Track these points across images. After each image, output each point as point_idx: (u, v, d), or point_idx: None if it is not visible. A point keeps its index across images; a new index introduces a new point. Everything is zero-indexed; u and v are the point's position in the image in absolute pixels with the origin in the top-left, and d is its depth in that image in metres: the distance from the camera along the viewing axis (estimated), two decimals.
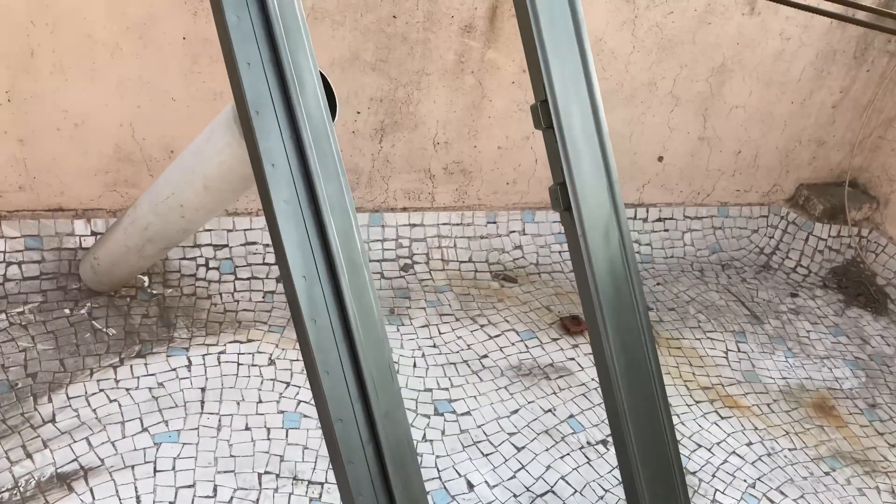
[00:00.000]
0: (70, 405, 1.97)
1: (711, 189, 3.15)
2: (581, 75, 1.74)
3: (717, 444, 2.26)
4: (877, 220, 3.27)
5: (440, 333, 2.48)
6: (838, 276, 3.17)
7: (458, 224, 2.83)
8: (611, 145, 1.76)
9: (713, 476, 2.14)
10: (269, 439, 2.00)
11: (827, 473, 2.23)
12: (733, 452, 2.24)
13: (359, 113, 2.50)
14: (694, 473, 2.14)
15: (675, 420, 2.31)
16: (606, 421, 2.25)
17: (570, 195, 1.72)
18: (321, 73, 1.37)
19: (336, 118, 1.43)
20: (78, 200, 2.35)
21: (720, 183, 3.15)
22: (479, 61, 2.53)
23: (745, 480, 2.15)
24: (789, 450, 2.28)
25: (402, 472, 1.36)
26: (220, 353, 2.23)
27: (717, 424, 2.33)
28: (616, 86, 2.73)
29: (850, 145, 3.26)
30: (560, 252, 2.96)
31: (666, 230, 3.13)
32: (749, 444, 2.28)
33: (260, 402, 2.10)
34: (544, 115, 1.71)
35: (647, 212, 3.09)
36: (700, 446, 2.24)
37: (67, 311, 2.25)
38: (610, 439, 2.19)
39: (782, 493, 2.13)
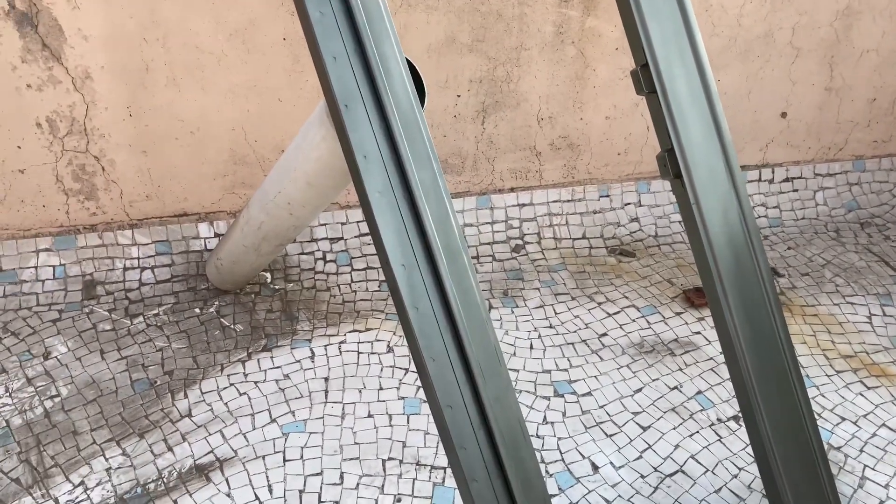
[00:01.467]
0: (204, 400, 2.08)
1: (844, 143, 2.92)
2: (683, 33, 1.64)
3: (864, 416, 2.09)
4: None
5: (556, 314, 2.43)
6: None
7: (568, 200, 2.77)
8: (721, 106, 1.65)
9: (861, 451, 1.99)
10: (391, 426, 2.03)
11: None
12: (883, 425, 2.07)
13: (459, 96, 2.48)
14: (839, 449, 2.00)
15: (814, 392, 2.17)
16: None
17: (680, 161, 1.63)
18: (408, 60, 1.35)
19: (425, 104, 1.41)
20: (200, 204, 2.47)
21: (854, 135, 2.91)
22: (578, 31, 2.45)
23: None
24: None
25: (515, 456, 1.34)
26: (341, 342, 2.29)
27: (862, 395, 2.16)
28: (728, 41, 2.57)
29: None
30: (680, 222, 2.83)
31: (795, 190, 2.93)
32: None
33: (381, 389, 2.14)
34: (645, 79, 1.63)
35: (773, 172, 2.90)
36: (844, 419, 2.08)
37: (198, 310, 2.38)
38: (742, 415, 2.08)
39: None
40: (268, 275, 2.52)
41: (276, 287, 2.49)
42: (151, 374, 2.15)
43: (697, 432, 2.04)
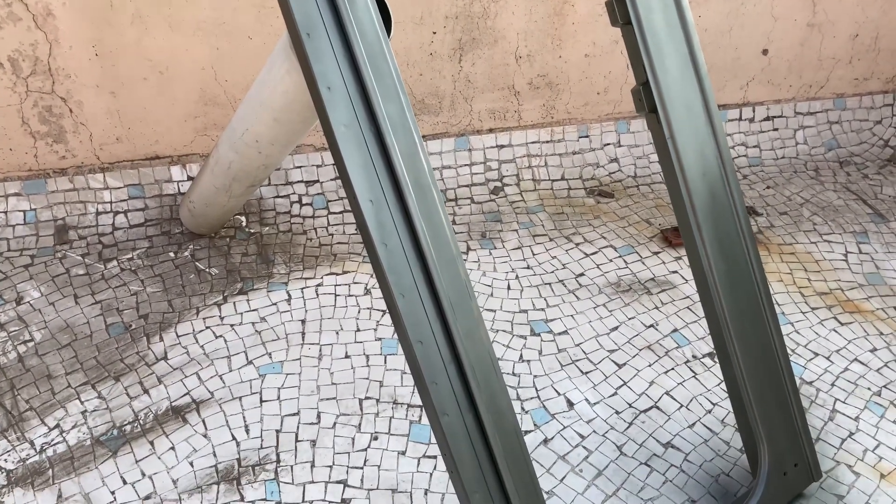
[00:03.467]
0: (180, 343, 2.07)
1: (825, 80, 2.89)
2: None
3: (837, 351, 2.12)
4: None
5: (534, 254, 2.43)
6: None
7: (547, 141, 2.74)
8: (698, 40, 1.62)
9: (832, 385, 2.02)
10: (368, 366, 2.03)
11: None
12: (855, 360, 2.09)
13: (434, 33, 2.42)
14: (811, 383, 2.02)
15: (788, 329, 2.19)
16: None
17: (655, 95, 1.60)
18: None
19: (391, 34, 1.37)
20: (172, 147, 2.42)
21: (835, 72, 2.88)
22: None
23: (868, 389, 2.01)
24: None
25: (487, 390, 1.34)
26: (318, 285, 2.27)
27: (836, 331, 2.18)
28: None
29: None
30: (659, 161, 2.81)
31: (775, 129, 2.91)
32: (873, 350, 2.12)
33: (358, 330, 2.14)
34: (620, 9, 1.59)
35: (754, 111, 2.88)
36: (817, 355, 2.11)
37: (172, 254, 2.35)
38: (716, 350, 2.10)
39: None
40: (243, 218, 2.49)
41: (252, 231, 2.47)
42: (126, 317, 2.14)
43: (672, 369, 2.06)
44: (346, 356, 2.06)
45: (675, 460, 1.83)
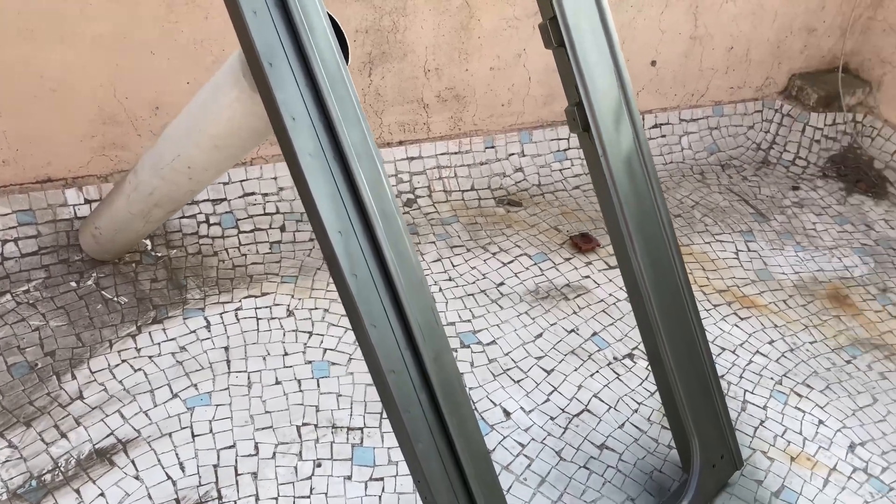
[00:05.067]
0: (95, 379, 1.94)
1: (705, 89, 3.10)
2: None
3: (741, 345, 2.28)
4: (871, 104, 3.25)
5: (454, 266, 2.45)
6: (837, 165, 3.17)
7: (456, 152, 2.77)
8: (623, 58, 1.70)
9: (741, 377, 2.17)
10: (301, 391, 1.99)
11: (848, 362, 2.27)
12: (757, 352, 2.26)
13: None
14: (722, 377, 2.17)
15: None
16: (629, 335, 2.26)
17: (588, 115, 1.66)
18: (329, 14, 1.29)
19: (349, 60, 1.35)
20: (66, 168, 2.26)
21: (714, 82, 3.10)
22: None
23: (771, 378, 2.18)
24: (810, 343, 2.32)
25: (456, 413, 1.35)
26: (237, 309, 2.19)
27: (737, 326, 2.35)
28: None
29: (841, 30, 3.20)
30: (560, 170, 2.91)
31: (663, 136, 3.09)
32: (771, 342, 2.30)
33: (286, 354, 2.08)
34: (554, 32, 1.64)
35: (643, 119, 3.04)
36: (724, 349, 2.26)
37: (74, 283, 2.19)
38: (635, 353, 2.21)
39: (808, 385, 2.17)
40: (148, 242, 2.36)
41: (159, 254, 2.34)
42: (30, 356, 1.98)
43: (597, 371, 2.15)
44: (277, 382, 2.00)
45: (610, 461, 1.92)
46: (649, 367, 2.14)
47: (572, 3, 1.63)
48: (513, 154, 2.86)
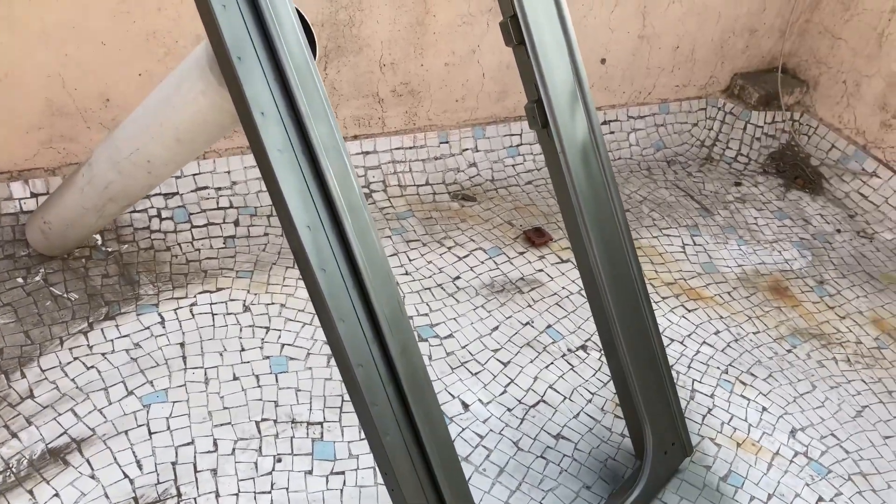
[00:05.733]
0: (46, 378, 1.90)
1: (652, 87, 3.18)
2: None
3: (688, 335, 2.36)
4: (807, 104, 3.38)
5: (410, 260, 2.47)
6: (776, 161, 3.29)
7: (410, 147, 2.78)
8: (580, 55, 1.74)
9: (689, 367, 2.25)
10: (259, 386, 1.98)
11: (789, 351, 2.37)
12: (704, 342, 2.35)
13: None
14: (672, 367, 2.24)
15: None
16: (582, 327, 2.32)
17: (548, 112, 1.70)
18: (296, 9, 1.29)
19: (317, 55, 1.35)
20: (12, 161, 2.20)
21: (660, 80, 3.18)
22: None
23: (717, 368, 2.26)
24: (753, 333, 2.41)
25: (422, 404, 1.37)
26: (192, 305, 2.17)
27: (685, 318, 2.42)
28: None
29: (780, 31, 3.32)
30: (514, 166, 2.96)
31: (612, 132, 3.16)
32: (717, 332, 2.39)
33: (243, 350, 2.07)
34: (515, 30, 1.67)
35: None
36: (673, 340, 2.33)
37: (21, 280, 2.13)
38: (588, 344, 2.26)
39: (753, 374, 2.26)
40: (98, 237, 2.31)
41: (110, 249, 2.29)
42: None
43: (552, 363, 2.19)
44: (235, 378, 1.99)
45: (566, 450, 1.96)
46: (602, 359, 2.20)
47: (532, 1, 1.67)
48: (467, 149, 2.88)
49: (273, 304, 2.22)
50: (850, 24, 3.15)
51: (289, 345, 2.11)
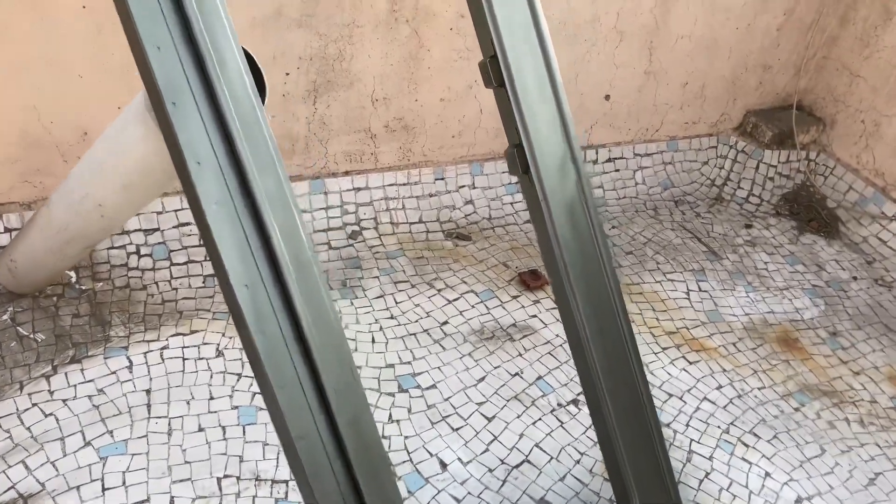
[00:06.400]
0: (0, 426, 1.81)
1: (660, 124, 3.07)
2: (531, 24, 1.59)
3: (688, 391, 2.22)
4: (824, 142, 3.24)
5: (397, 303, 2.36)
6: (790, 203, 3.15)
7: (404, 184, 2.69)
8: (566, 98, 1.64)
9: (687, 426, 2.11)
10: (225, 439, 1.87)
11: (797, 409, 2.22)
12: (704, 398, 2.20)
13: (288, 74, 2.31)
14: (668, 425, 2.10)
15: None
16: (574, 379, 2.19)
17: (529, 157, 1.59)
18: (245, 50, 1.20)
19: (266, 100, 1.26)
20: None
21: (668, 117, 3.06)
22: (412, 9, 2.35)
23: (718, 427, 2.12)
24: (758, 389, 2.26)
25: (374, 482, 1.26)
26: (163, 348, 2.07)
27: (686, 371, 2.29)
28: (559, 25, 2.59)
29: (796, 68, 3.19)
30: (512, 203, 2.85)
31: (617, 170, 3.04)
32: (719, 387, 2.25)
33: (212, 398, 1.97)
34: (494, 72, 1.57)
35: (597, 153, 2.99)
36: (671, 395, 2.20)
37: None
38: (581, 398, 2.13)
39: (756, 435, 2.11)
40: (72, 273, 2.23)
41: (84, 287, 2.21)
42: None
43: (540, 419, 2.06)
44: (200, 429, 1.89)
45: None
46: None
47: (514, 41, 1.57)
48: (463, 186, 2.78)
49: None
50: (870, 61, 3.02)
51: (260, 394, 2.00)
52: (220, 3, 1.15)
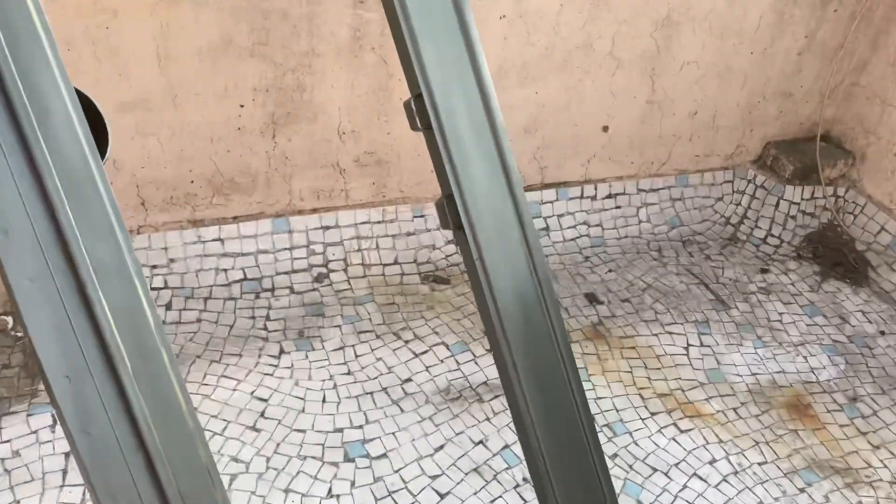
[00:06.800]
0: None
1: (667, 157, 2.81)
2: (466, 60, 1.38)
3: (676, 465, 1.96)
4: (853, 178, 2.95)
5: (357, 356, 2.16)
6: (813, 244, 2.86)
7: (378, 221, 2.49)
8: (508, 143, 1.42)
9: None
10: None
11: (802, 490, 1.94)
12: (694, 475, 1.94)
13: (242, 106, 2.14)
14: None
15: (627, 440, 2.01)
16: None
17: (461, 210, 1.38)
18: (80, 93, 1.01)
19: (108, 153, 1.08)
20: None
21: (676, 149, 2.81)
22: (379, 35, 2.16)
23: None
24: (759, 464, 1.99)
25: None
26: None
27: (675, 441, 2.03)
28: (545, 51, 2.37)
29: (821, 95, 2.91)
30: None
31: (618, 207, 2.80)
32: (713, 461, 1.98)
33: None
34: (420, 113, 1.36)
35: (596, 189, 2.75)
36: (656, 470, 1.94)
37: None
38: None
39: None
40: (9, 319, 2.09)
41: (20, 335, 2.07)
42: None
43: (500, 496, 1.83)
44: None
45: None
46: None
47: (445, 78, 1.36)
48: None
49: None
50: None
51: None
52: (46, 37, 0.97)
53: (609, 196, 2.78)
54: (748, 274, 2.69)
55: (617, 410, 2.10)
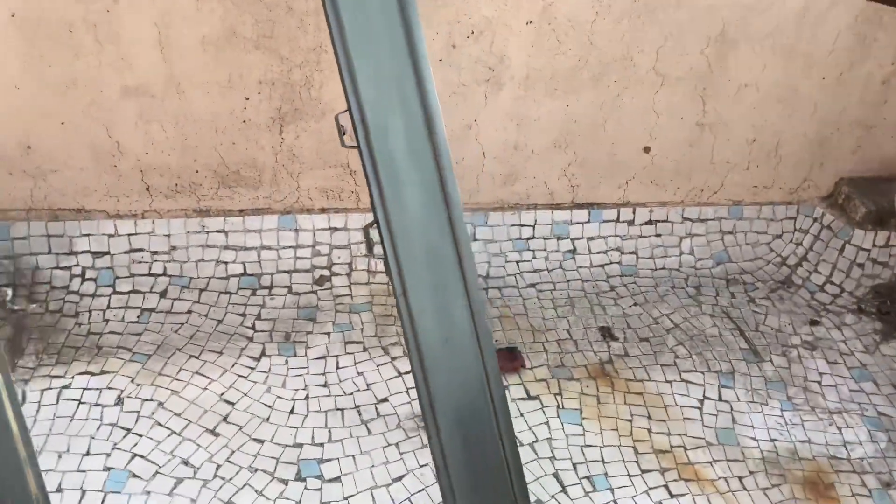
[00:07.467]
0: None
1: (719, 185, 2.56)
2: (409, 75, 1.25)
3: None
4: None
5: (337, 368, 2.07)
6: (880, 298, 2.53)
7: None
8: (451, 169, 1.28)
9: None
10: None
11: None
12: None
13: (248, 99, 2.08)
14: None
15: (607, 497, 1.83)
16: None
17: (385, 239, 1.26)
18: None
19: None
20: None
21: (730, 177, 2.55)
22: None
23: None
24: None
25: None
26: (64, 387, 1.91)
27: None
28: (578, 62, 2.19)
29: None
30: (518, 262, 2.47)
31: (658, 235, 2.57)
32: None
33: (87, 454, 1.77)
34: (352, 128, 1.25)
35: (634, 213, 2.54)
36: None
37: None
38: None
39: None
40: (9, 291, 2.13)
41: (15, 307, 2.10)
42: None
43: None
44: (58, 489, 1.69)
45: None
46: None
47: (380, 94, 1.23)
48: None
49: (151, 400, 1.91)
50: None
51: (141, 456, 1.78)
52: None
53: (649, 222, 2.56)
54: (794, 324, 2.41)
55: (604, 462, 1.91)
